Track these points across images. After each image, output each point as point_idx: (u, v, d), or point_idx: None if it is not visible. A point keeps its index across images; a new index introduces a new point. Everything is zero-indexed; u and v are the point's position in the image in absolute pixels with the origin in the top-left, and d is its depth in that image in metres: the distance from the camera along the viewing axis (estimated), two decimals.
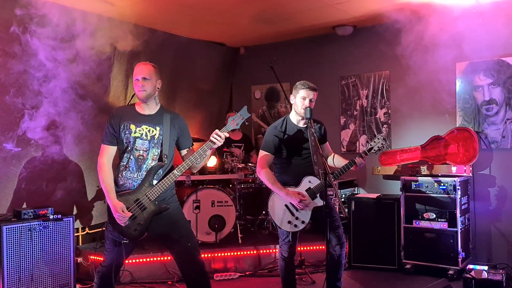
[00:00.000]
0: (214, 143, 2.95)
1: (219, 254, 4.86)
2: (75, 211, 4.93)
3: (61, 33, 4.68)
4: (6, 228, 3.85)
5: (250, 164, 5.60)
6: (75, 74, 4.86)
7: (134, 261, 4.58)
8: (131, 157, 3.04)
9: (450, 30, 4.87)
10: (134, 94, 5.24)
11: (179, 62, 6.03)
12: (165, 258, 4.64)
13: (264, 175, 3.48)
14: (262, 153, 3.57)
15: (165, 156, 3.05)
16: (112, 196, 2.96)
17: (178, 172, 2.98)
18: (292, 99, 3.59)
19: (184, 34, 6.03)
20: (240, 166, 5.46)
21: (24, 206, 4.45)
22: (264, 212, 5.61)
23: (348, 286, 4.37)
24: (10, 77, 4.35)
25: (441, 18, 4.90)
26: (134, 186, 3.02)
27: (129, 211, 2.95)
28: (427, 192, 4.68)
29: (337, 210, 3.82)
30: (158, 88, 3.11)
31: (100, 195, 5.04)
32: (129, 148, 3.05)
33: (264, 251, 4.98)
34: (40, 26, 4.49)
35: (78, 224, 4.99)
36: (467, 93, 5.11)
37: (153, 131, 3.08)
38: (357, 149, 5.90)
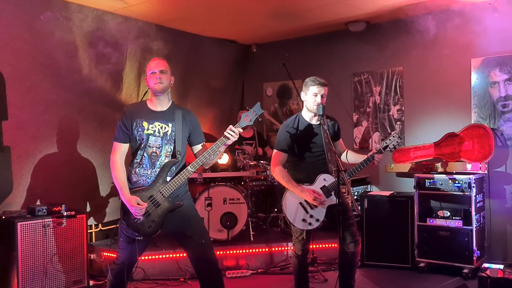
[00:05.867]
0: (229, 138, 2.94)
1: (231, 252, 4.86)
2: (88, 208, 4.96)
3: (73, 31, 4.71)
4: (21, 225, 3.89)
5: (262, 162, 5.58)
6: (87, 72, 4.89)
7: (146, 258, 4.60)
8: (145, 154, 3.04)
9: (465, 25, 4.81)
10: (146, 91, 5.33)
11: (191, 59, 6.04)
12: (178, 255, 4.64)
13: (278, 173, 3.46)
14: (275, 151, 3.55)
15: (178, 153, 3.05)
16: (125, 192, 2.96)
17: (192, 168, 2.97)
18: (303, 96, 3.56)
19: (196, 31, 6.03)
20: (252, 163, 5.45)
21: (38, 203, 4.49)
22: (276, 209, 5.60)
23: (361, 284, 4.34)
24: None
25: (456, 12, 4.84)
26: (148, 183, 3.02)
27: None
28: (441, 189, 4.62)
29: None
30: (171, 84, 3.14)
31: (113, 192, 5.06)
32: (142, 145, 3.05)
33: (276, 248, 4.96)
34: (53, 24, 4.53)
35: (91, 221, 5.01)
36: (482, 89, 5.04)
37: (165, 127, 3.07)
38: (370, 146, 5.85)
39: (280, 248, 4.97)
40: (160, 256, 4.69)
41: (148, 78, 3.08)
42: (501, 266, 4.09)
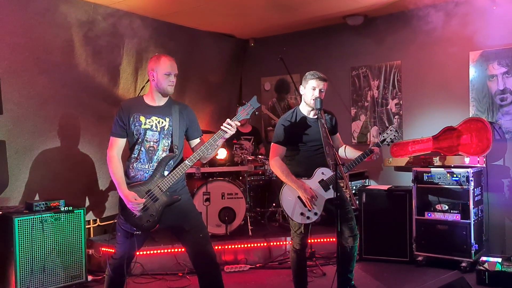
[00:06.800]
0: (226, 131, 2.94)
1: (229, 246, 4.86)
2: (87, 203, 4.96)
3: (69, 26, 4.69)
4: (18, 220, 3.88)
5: (260, 156, 5.58)
6: (84, 67, 4.87)
7: (145, 253, 4.60)
8: (142, 148, 3.04)
9: (463, 18, 4.79)
10: (143, 86, 5.31)
11: (188, 54, 6.01)
12: (176, 250, 4.65)
13: (276, 166, 3.45)
14: (273, 145, 3.55)
15: (176, 147, 3.04)
16: (123, 188, 2.96)
17: (189, 162, 2.97)
18: (302, 89, 3.55)
19: (193, 26, 6.00)
20: (250, 158, 5.45)
21: (36, 198, 4.48)
22: (274, 204, 5.60)
23: (359, 278, 4.34)
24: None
25: (454, 5, 4.82)
26: (146, 177, 3.01)
27: None
28: (439, 183, 4.62)
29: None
30: None
31: (112, 187, 5.05)
32: (139, 140, 3.04)
33: (274, 243, 4.97)
34: (49, 18, 4.50)
35: (90, 216, 5.01)
36: (480, 83, 5.03)
37: (162, 122, 3.07)
38: (368, 140, 5.85)
39: (278, 243, 4.98)
40: (159, 251, 4.69)
41: (160, 77, 3.06)
42: (499, 259, 4.10)
